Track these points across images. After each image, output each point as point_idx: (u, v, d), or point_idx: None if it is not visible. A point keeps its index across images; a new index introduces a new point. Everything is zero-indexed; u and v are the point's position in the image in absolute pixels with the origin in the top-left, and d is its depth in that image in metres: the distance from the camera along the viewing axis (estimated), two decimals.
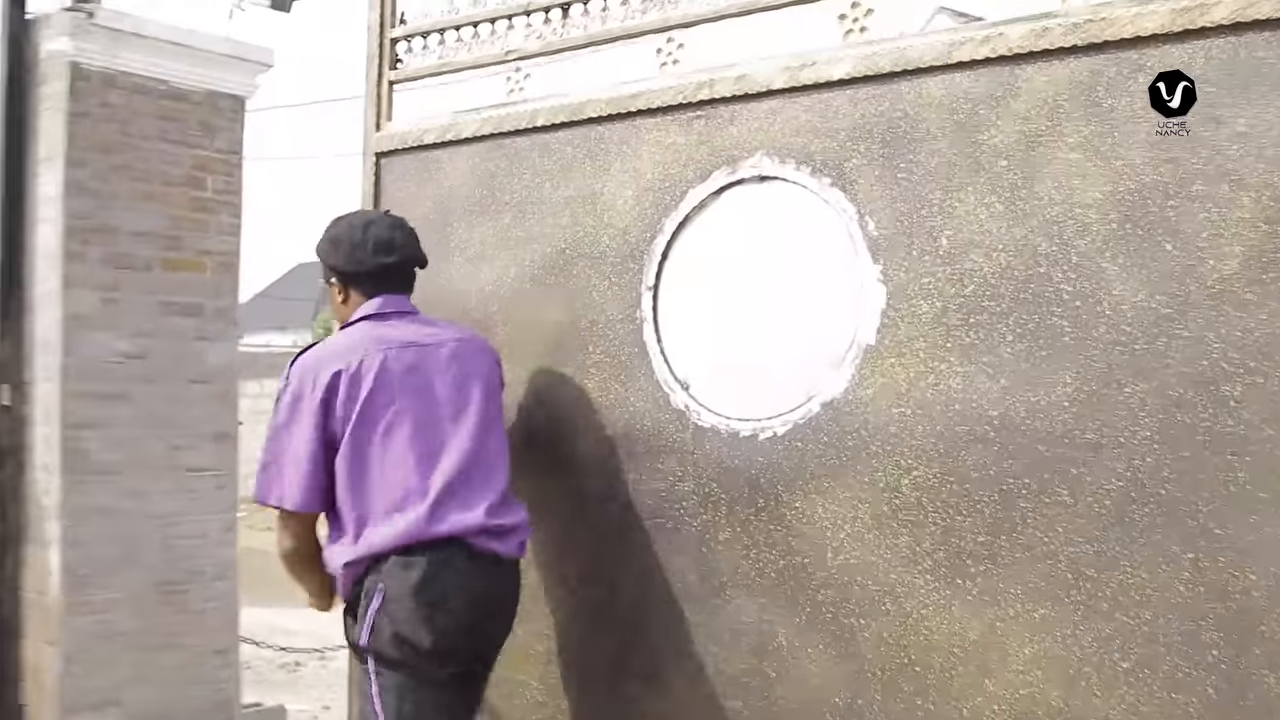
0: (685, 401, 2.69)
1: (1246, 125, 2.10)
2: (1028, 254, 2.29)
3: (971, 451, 2.32)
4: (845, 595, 2.45)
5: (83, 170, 4.47)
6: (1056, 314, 2.25)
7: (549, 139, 2.94)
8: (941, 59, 2.40)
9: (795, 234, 2.58)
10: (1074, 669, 2.20)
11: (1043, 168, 2.29)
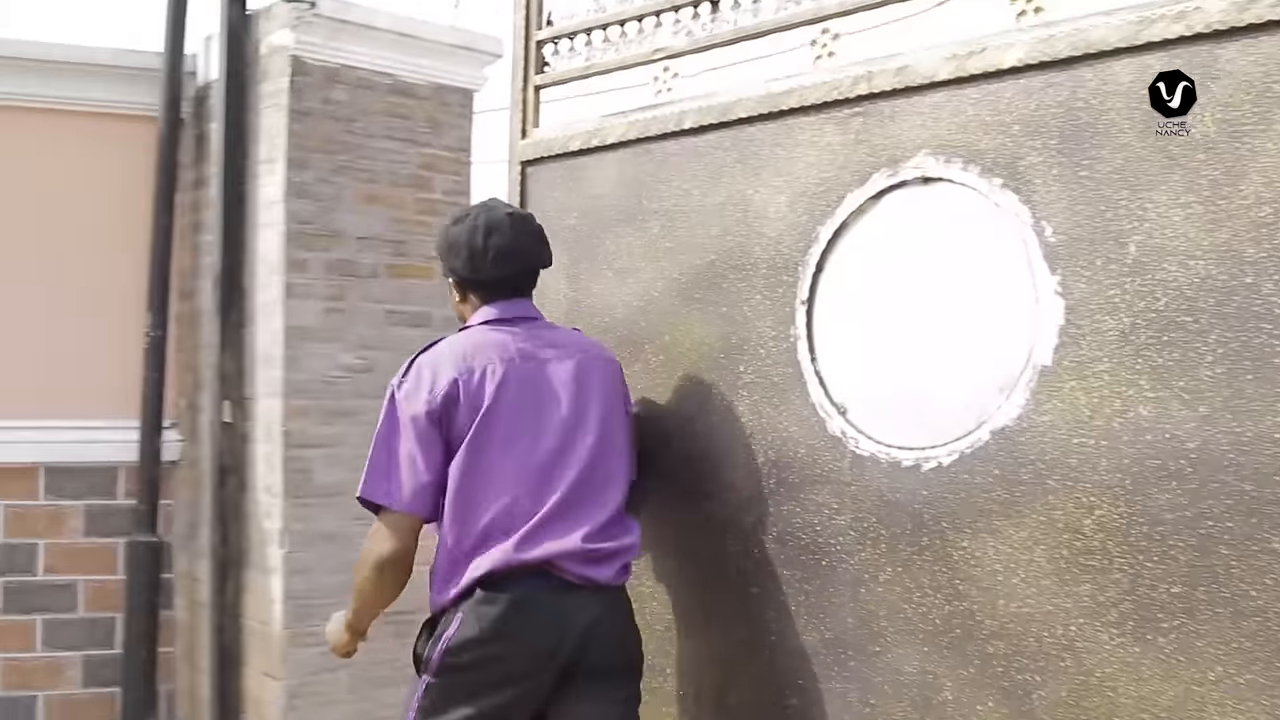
0: (842, 427, 2.45)
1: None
2: (1231, 261, 1.98)
3: (1164, 489, 2.02)
4: (1018, 648, 2.18)
5: (305, 172, 4.33)
6: (1266, 331, 1.94)
7: (698, 142, 2.74)
8: (1129, 40, 2.10)
9: (962, 242, 2.31)
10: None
11: (1249, 161, 1.97)
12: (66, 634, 4.55)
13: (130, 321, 4.61)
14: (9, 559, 4.44)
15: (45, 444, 4.54)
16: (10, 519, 4.48)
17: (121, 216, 4.67)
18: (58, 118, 4.64)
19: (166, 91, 4.57)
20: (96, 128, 4.69)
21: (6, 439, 4.47)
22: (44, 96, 4.60)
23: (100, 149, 4.70)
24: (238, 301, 4.48)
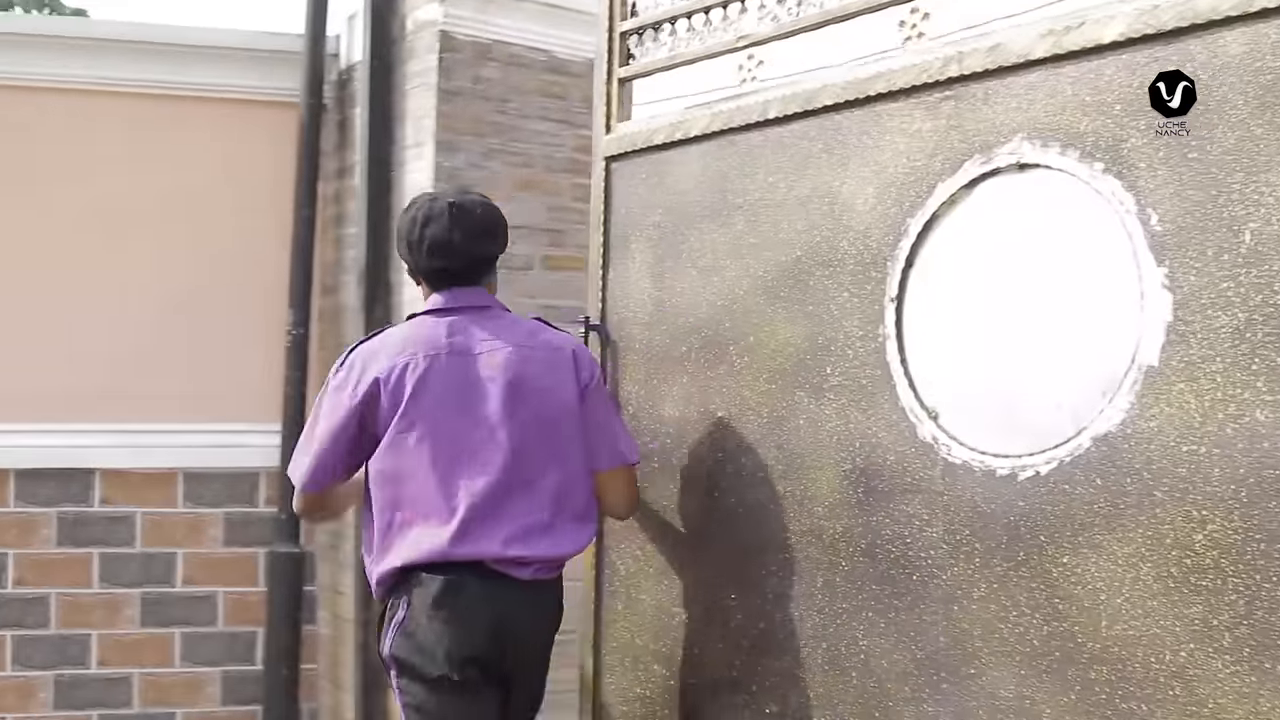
0: (934, 433, 2.29)
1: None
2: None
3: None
4: (1123, 673, 2.00)
5: (455, 156, 4.04)
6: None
7: (782, 132, 2.60)
8: (1241, 6, 1.90)
9: (1061, 232, 2.14)
10: None
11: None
12: (205, 649, 4.42)
13: (271, 319, 4.44)
14: (147, 569, 4.36)
15: (183, 448, 4.42)
16: (148, 527, 4.38)
17: (261, 209, 4.50)
18: (193, 105, 4.49)
19: (308, 75, 4.36)
20: (234, 115, 4.53)
21: (144, 443, 4.36)
22: (178, 83, 4.47)
23: (238, 138, 4.54)
24: (383, 297, 4.19)
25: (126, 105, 4.44)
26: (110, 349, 4.34)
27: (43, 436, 4.25)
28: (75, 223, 4.34)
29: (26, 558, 4.24)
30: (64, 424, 4.26)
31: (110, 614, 4.29)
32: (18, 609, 4.21)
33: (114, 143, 4.41)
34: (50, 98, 4.37)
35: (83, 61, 4.34)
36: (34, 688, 4.21)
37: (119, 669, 4.31)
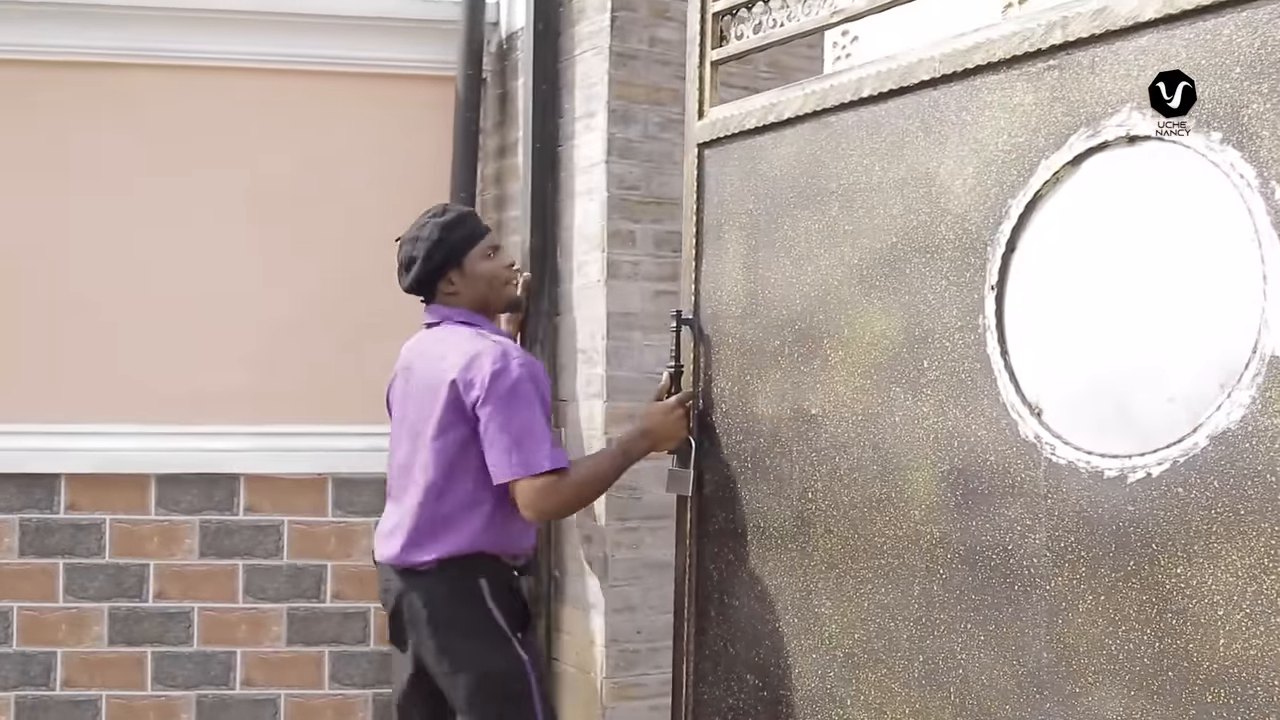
0: (1036, 431, 2.11)
1: None
2: None
3: None
4: (1243, 696, 1.80)
5: (630, 127, 3.64)
6: None
7: (878, 111, 2.44)
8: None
9: (1175, 210, 1.95)
10: None
11: None
12: (357, 669, 4.14)
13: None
14: (295, 583, 4.13)
15: (331, 452, 4.15)
16: (295, 537, 4.13)
17: (416, 192, 4.00)
18: (341, 81, 4.20)
19: (465, 44, 4.00)
20: (385, 92, 4.21)
21: (289, 446, 4.12)
22: (325, 58, 4.18)
23: (390, 116, 4.21)
24: (551, 286, 3.80)
25: (270, 82, 4.18)
26: (255, 345, 4.11)
27: (183, 439, 4.08)
28: (218, 210, 4.11)
29: (168, 569, 4.07)
30: (206, 426, 4.07)
31: (255, 630, 4.09)
32: (158, 624, 4.05)
33: (257, 123, 4.16)
34: (192, 76, 4.14)
35: (225, 37, 4.11)
36: (175, 708, 4.05)
37: (265, 689, 4.09)
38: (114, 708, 3.98)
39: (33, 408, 3.93)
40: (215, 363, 4.07)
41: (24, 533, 3.94)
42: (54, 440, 3.95)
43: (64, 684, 3.96)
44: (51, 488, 3.96)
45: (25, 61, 3.93)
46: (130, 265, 4.05)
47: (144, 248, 4.07)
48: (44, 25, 3.93)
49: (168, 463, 4.05)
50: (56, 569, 3.98)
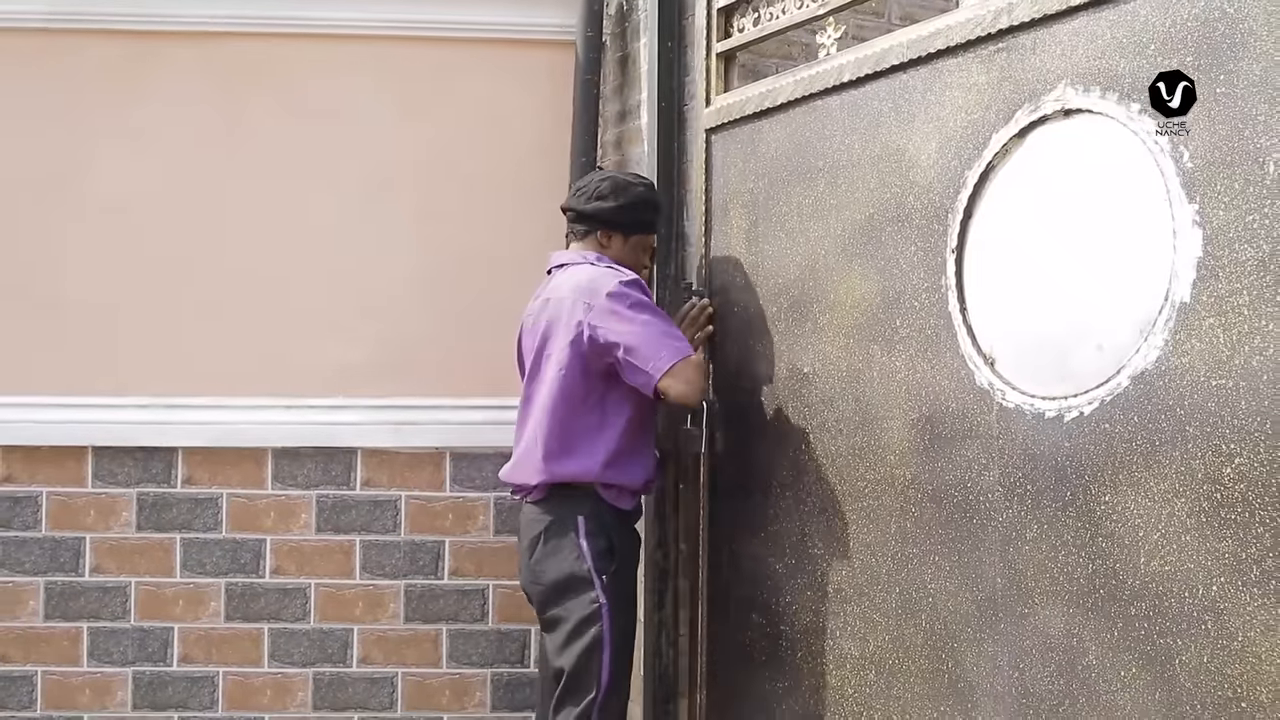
0: (990, 379, 2.34)
1: None
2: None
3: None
4: (1160, 609, 2.01)
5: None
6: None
7: (856, 95, 2.68)
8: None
9: (1103, 175, 2.16)
10: None
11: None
12: (474, 647, 3.94)
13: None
14: (412, 560, 3.94)
15: (451, 426, 3.93)
16: (412, 512, 3.95)
17: (533, 161, 3.90)
18: (455, 48, 4.01)
19: (586, 6, 3.85)
20: (501, 58, 4.01)
21: (406, 419, 3.93)
22: (438, 23, 3.99)
23: (507, 83, 4.00)
24: (677, 250, 3.49)
25: (389, 49, 3.99)
26: (373, 319, 3.93)
27: (300, 413, 3.91)
28: (337, 182, 3.96)
29: (284, 544, 3.92)
30: (323, 399, 3.91)
31: (372, 607, 3.93)
32: (275, 600, 3.90)
33: (377, 92, 3.98)
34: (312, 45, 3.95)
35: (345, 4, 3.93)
36: (292, 685, 3.90)
37: (382, 668, 3.93)
38: (231, 684, 3.88)
39: (150, 381, 3.83)
40: (333, 336, 3.92)
41: (141, 507, 3.85)
42: (171, 414, 3.86)
43: (181, 660, 3.87)
44: (169, 461, 3.87)
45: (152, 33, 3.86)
46: (248, 240, 3.92)
47: (262, 222, 3.94)
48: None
49: (285, 436, 3.91)
50: (174, 544, 3.88)
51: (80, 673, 3.79)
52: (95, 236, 3.80)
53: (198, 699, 3.82)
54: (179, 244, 3.85)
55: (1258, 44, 1.91)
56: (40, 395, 3.71)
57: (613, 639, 2.90)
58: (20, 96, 3.82)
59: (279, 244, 3.90)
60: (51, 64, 3.81)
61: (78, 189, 3.79)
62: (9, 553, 3.75)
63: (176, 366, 3.80)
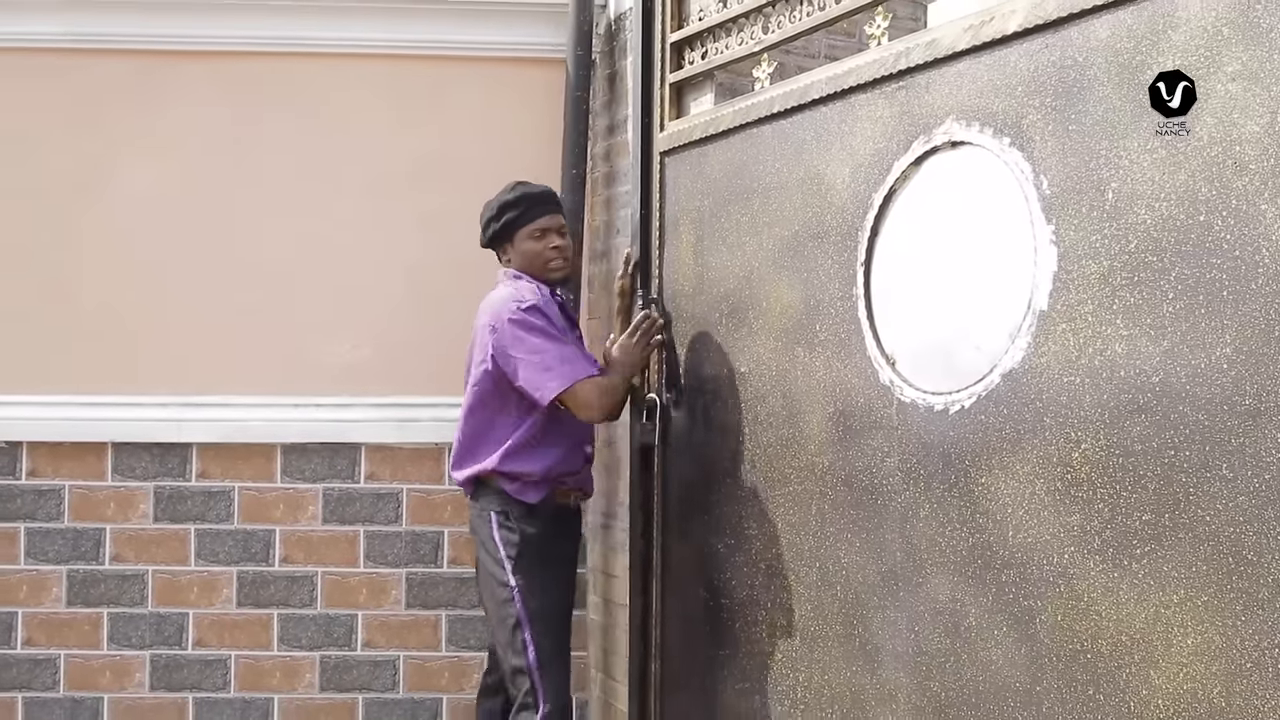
0: (890, 377, 2.66)
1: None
2: (1188, 201, 2.07)
3: (1135, 422, 2.13)
4: (1024, 575, 2.33)
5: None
6: (1216, 266, 2.02)
7: (785, 124, 3.00)
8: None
9: (980, 199, 2.48)
10: (1234, 664, 1.97)
11: (1202, 104, 2.06)
12: (472, 632, 4.21)
13: None
14: (414, 549, 4.24)
15: (448, 422, 3.90)
16: (413, 504, 4.26)
17: (527, 170, 3.94)
18: (455, 65, 4.29)
19: (575, 26, 4.07)
20: (497, 74, 4.29)
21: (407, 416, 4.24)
22: (439, 43, 4.28)
23: (502, 98, 4.28)
24: (644, 261, 3.59)
25: (391, 67, 4.29)
26: (375, 321, 4.22)
27: (308, 410, 4.19)
28: (342, 190, 4.23)
29: (293, 535, 4.20)
30: (329, 398, 4.19)
31: (375, 594, 4.21)
32: (284, 588, 4.20)
33: (378, 107, 4.28)
34: (317, 63, 4.27)
35: (350, 25, 4.24)
36: (300, 668, 4.19)
37: (385, 651, 4.21)
38: (242, 667, 4.16)
39: (166, 380, 4.12)
40: (338, 338, 4.20)
41: (158, 500, 4.13)
42: (186, 412, 4.14)
43: (195, 644, 4.15)
44: (184, 457, 4.15)
45: (167, 52, 4.18)
46: (258, 245, 4.20)
47: (271, 229, 4.20)
48: (184, 17, 4.18)
49: (293, 433, 4.17)
50: (189, 534, 4.16)
51: (101, 656, 4.13)
52: (114, 243, 4.15)
53: (211, 680, 4.15)
54: (194, 250, 4.17)
55: (1100, 89, 2.23)
56: (63, 394, 4.07)
57: (530, 620, 3.32)
58: (45, 110, 4.18)
59: (288, 251, 4.20)
60: (74, 80, 4.16)
61: (98, 199, 4.15)
62: (34, 543, 4.09)
63: (191, 367, 4.12)
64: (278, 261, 4.21)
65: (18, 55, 4.12)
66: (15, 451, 4.08)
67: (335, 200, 4.22)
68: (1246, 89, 1.99)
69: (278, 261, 4.21)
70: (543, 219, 3.46)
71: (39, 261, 4.15)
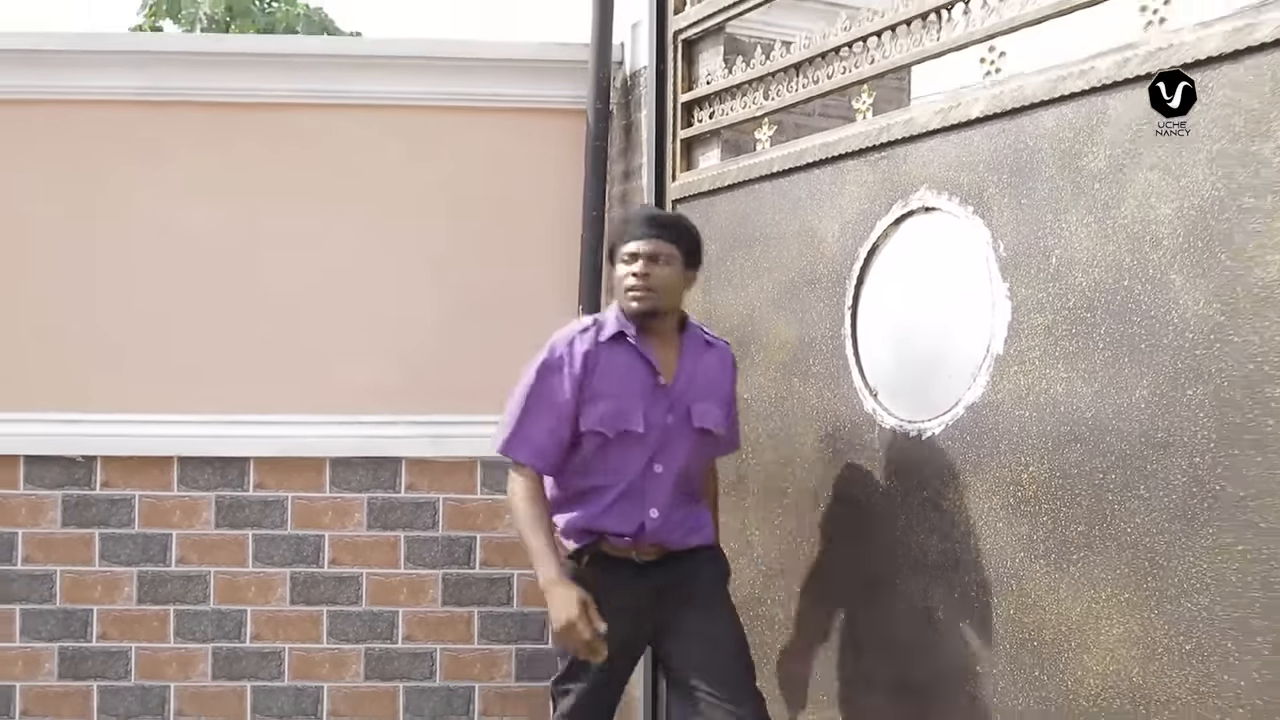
0: (874, 406, 3.10)
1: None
2: (1114, 269, 2.51)
3: (1073, 450, 2.57)
4: (983, 576, 2.77)
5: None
6: (1135, 323, 2.46)
7: (783, 183, 3.44)
8: (1049, 93, 2.65)
9: (950, 257, 2.91)
10: (1149, 649, 2.41)
11: (1126, 188, 2.49)
12: (502, 627, 4.62)
13: (563, 316, 4.04)
14: (449, 552, 4.62)
15: (482, 438, 4.03)
16: (449, 512, 4.62)
17: (549, 210, 4.58)
18: (485, 115, 4.67)
19: (595, 81, 4.48)
20: (524, 124, 4.67)
21: (443, 433, 4.60)
22: (473, 95, 4.65)
23: (528, 145, 4.66)
24: None
25: (428, 118, 4.67)
26: (416, 348, 4.60)
27: (354, 428, 4.57)
28: (383, 231, 4.61)
29: (340, 540, 4.60)
30: (373, 416, 4.57)
31: (415, 593, 4.61)
32: (333, 587, 4.59)
33: (415, 154, 4.65)
34: (360, 114, 4.63)
35: (389, 79, 4.62)
36: (348, 660, 4.58)
37: (423, 644, 4.62)
38: (295, 658, 4.56)
39: (227, 402, 4.52)
40: (381, 363, 4.58)
41: (219, 508, 4.54)
42: (244, 429, 4.54)
43: (253, 638, 4.54)
44: (242, 469, 4.55)
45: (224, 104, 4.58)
46: (308, 279, 4.58)
47: (320, 264, 4.59)
48: (238, 72, 4.57)
49: (340, 448, 4.57)
50: (246, 539, 4.55)
51: (168, 648, 4.51)
52: (182, 277, 4.52)
53: (267, 670, 4.53)
54: (256, 286, 4.56)
55: (1045, 169, 2.67)
56: (134, 414, 4.46)
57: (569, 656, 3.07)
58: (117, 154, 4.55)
59: (341, 286, 4.60)
60: (146, 130, 4.54)
61: (167, 237, 4.51)
62: (108, 547, 4.49)
63: (249, 390, 4.51)
64: (327, 297, 4.60)
65: (96, 107, 4.54)
66: (91, 465, 4.49)
67: (381, 243, 4.61)
68: (1161, 178, 2.42)
69: (327, 297, 4.60)
70: (633, 242, 3.07)
71: (117, 296, 4.52)
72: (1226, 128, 2.31)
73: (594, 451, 3.04)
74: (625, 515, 3.04)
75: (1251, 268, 2.26)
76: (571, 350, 3.07)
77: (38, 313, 4.50)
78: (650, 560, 3.07)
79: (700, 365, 3.12)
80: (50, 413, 4.47)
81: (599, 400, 3.02)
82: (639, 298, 3.04)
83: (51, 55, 4.48)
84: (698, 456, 3.14)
